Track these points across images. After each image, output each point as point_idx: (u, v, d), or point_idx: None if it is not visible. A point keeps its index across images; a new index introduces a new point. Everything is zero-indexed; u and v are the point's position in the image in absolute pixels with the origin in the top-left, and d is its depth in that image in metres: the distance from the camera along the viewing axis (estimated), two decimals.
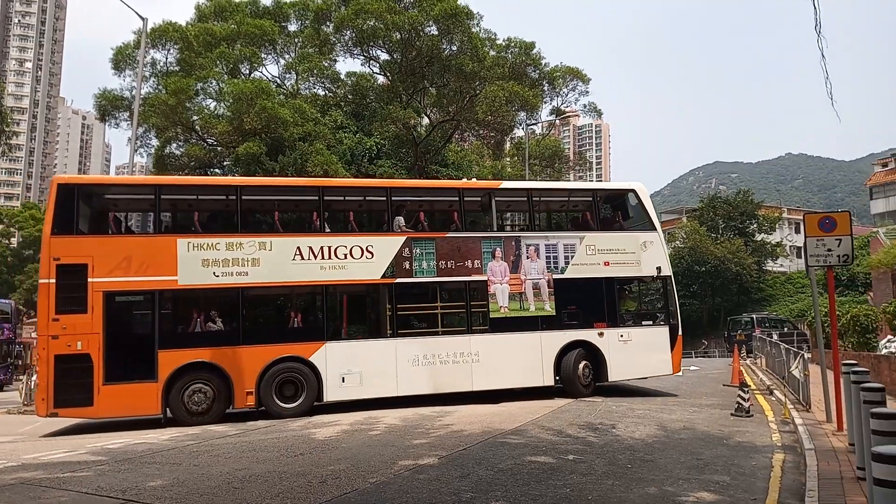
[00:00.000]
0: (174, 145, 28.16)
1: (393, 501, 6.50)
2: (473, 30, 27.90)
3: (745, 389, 12.49)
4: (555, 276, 15.03)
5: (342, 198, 15.12)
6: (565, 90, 37.78)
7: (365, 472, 7.79)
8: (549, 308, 14.95)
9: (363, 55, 29.19)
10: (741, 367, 19.33)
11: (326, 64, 29.24)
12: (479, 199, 15.83)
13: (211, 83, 26.52)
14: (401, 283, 13.96)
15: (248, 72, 28.41)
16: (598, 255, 15.46)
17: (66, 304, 11.83)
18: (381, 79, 31.07)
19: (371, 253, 13.79)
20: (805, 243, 10.15)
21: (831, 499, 5.93)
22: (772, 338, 24.10)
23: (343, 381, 13.32)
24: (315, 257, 13.52)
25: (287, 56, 30.56)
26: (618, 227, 16.39)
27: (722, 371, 21.43)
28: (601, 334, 15.17)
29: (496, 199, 15.40)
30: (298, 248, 13.43)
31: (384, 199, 14.62)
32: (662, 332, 15.72)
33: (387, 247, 13.96)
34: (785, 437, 9.66)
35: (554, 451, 8.76)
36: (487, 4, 37.83)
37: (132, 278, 12.35)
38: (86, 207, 12.99)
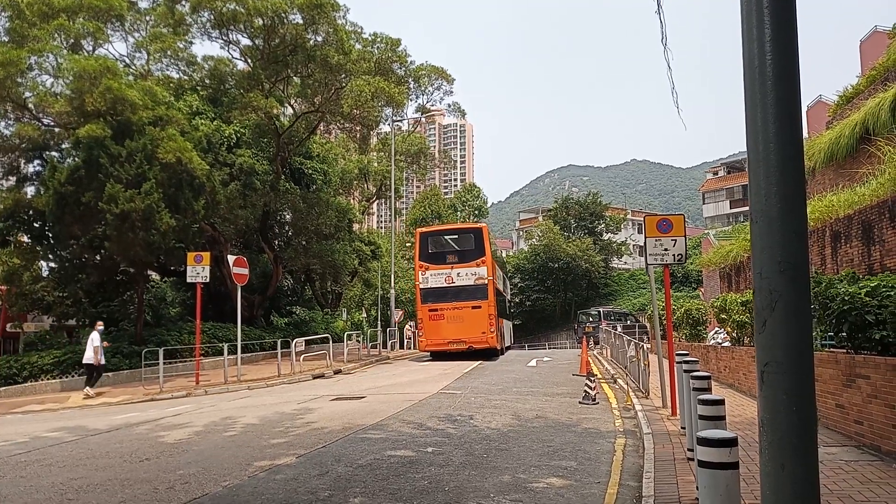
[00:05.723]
0: (2, 124, 25.29)
1: None
2: (339, 21, 27.34)
3: (592, 379, 13.31)
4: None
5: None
6: (430, 89, 38.29)
7: (217, 475, 7.47)
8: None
9: (222, 39, 27.68)
10: (589, 358, 20.56)
11: (181, 45, 27.47)
12: None
13: (48, 57, 23.98)
14: (508, 297, 34.73)
15: (91, 48, 25.98)
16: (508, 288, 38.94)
17: (495, 294, 24.56)
18: (241, 64, 29.67)
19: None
20: (645, 243, 10.96)
21: (665, 479, 6.46)
22: (616, 330, 25.85)
23: (505, 336, 29.25)
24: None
25: (137, 34, 28.33)
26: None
27: (572, 361, 22.65)
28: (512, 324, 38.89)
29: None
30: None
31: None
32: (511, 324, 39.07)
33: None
34: (626, 423, 10.39)
35: (413, 444, 8.85)
36: None
37: (499, 283, 26.68)
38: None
